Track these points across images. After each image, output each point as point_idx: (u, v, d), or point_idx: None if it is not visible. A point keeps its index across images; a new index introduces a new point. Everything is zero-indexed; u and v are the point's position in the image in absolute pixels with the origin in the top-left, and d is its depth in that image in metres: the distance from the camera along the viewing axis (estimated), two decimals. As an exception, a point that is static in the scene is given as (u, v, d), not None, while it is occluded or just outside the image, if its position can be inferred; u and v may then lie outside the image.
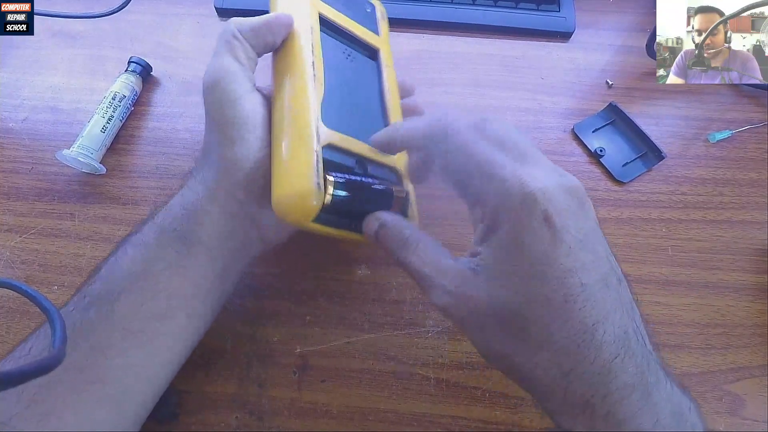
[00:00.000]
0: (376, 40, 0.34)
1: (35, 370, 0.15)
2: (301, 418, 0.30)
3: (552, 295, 0.19)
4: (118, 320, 0.23)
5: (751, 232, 0.36)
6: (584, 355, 0.19)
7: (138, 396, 0.24)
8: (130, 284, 0.24)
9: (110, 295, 0.24)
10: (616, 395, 0.19)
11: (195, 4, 0.46)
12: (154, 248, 0.25)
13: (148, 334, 0.24)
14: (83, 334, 0.23)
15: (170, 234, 0.25)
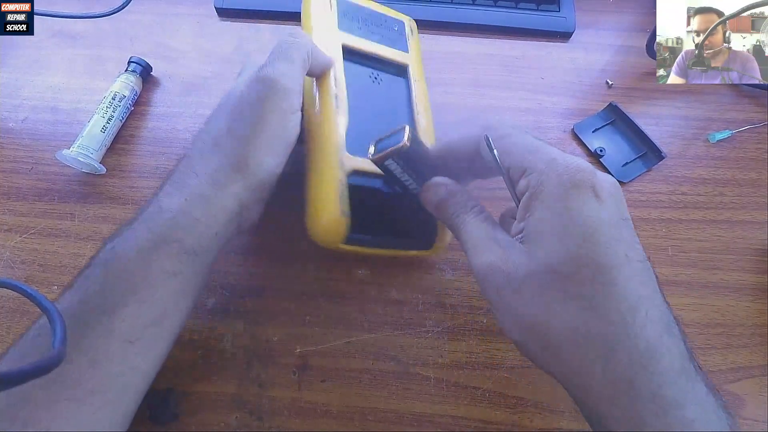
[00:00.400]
0: (404, 57, 0.35)
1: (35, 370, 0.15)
2: (301, 418, 0.30)
3: (600, 260, 0.19)
4: (117, 333, 0.22)
5: (751, 232, 0.36)
6: (630, 327, 0.19)
7: (136, 394, 0.24)
8: (129, 295, 0.23)
9: (108, 306, 0.23)
10: (664, 377, 0.19)
11: (195, 4, 0.46)
12: (154, 257, 0.24)
13: (146, 341, 0.24)
14: (81, 348, 0.22)
15: (171, 244, 0.24)
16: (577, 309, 0.19)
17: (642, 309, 0.19)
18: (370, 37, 0.34)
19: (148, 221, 0.25)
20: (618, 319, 0.19)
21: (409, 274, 0.34)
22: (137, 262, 0.23)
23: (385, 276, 0.34)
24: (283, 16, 0.45)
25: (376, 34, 0.35)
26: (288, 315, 0.33)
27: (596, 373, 0.19)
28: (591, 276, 0.19)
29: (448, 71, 0.43)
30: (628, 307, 0.19)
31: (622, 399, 0.19)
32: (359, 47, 0.33)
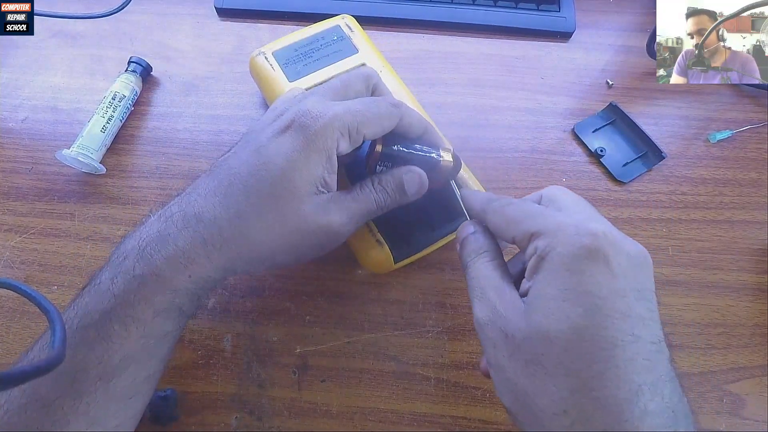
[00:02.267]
0: (356, 59, 0.36)
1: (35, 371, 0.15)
2: (301, 418, 0.30)
3: (601, 333, 0.17)
4: (116, 395, 0.23)
5: (752, 232, 0.36)
6: (623, 417, 0.17)
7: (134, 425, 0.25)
8: (128, 363, 0.23)
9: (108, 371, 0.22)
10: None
11: (195, 4, 0.46)
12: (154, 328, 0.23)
13: (143, 392, 0.24)
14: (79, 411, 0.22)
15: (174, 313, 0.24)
16: (570, 388, 0.18)
17: (644, 396, 0.17)
18: (318, 66, 0.35)
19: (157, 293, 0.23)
20: (614, 409, 0.17)
21: (409, 274, 0.34)
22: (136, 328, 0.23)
23: (385, 276, 0.34)
24: (283, 16, 0.45)
25: (321, 60, 0.35)
26: (288, 315, 0.33)
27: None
28: (590, 352, 0.17)
29: (448, 71, 0.43)
30: (626, 394, 0.17)
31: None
32: (313, 83, 0.34)
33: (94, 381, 0.22)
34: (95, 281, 0.24)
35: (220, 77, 0.42)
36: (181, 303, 0.24)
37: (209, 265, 0.24)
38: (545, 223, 0.20)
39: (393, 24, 0.45)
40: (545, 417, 0.18)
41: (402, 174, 0.26)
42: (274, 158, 0.23)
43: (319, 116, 0.23)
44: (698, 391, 0.31)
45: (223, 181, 0.24)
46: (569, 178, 0.38)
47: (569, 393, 0.17)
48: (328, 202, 0.25)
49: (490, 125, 0.40)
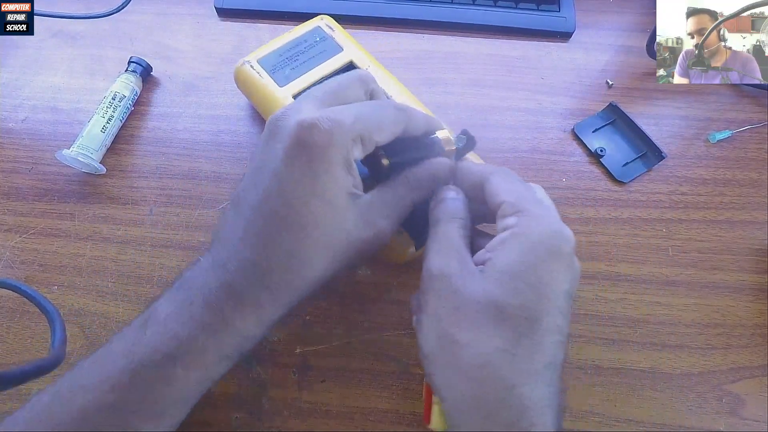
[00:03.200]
0: (342, 57, 0.37)
1: (35, 371, 0.15)
2: (301, 418, 0.30)
3: (541, 318, 0.21)
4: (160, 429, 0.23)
5: (752, 232, 0.36)
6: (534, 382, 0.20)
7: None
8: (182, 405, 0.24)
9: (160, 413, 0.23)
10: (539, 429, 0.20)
11: (195, 4, 0.46)
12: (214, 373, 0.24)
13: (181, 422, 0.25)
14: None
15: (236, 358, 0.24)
16: (498, 348, 0.20)
17: (547, 374, 0.21)
18: (306, 68, 0.35)
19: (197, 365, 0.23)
20: (526, 372, 0.20)
21: (409, 274, 0.34)
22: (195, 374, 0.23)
23: (385, 276, 0.34)
24: (283, 16, 0.45)
25: (308, 62, 0.36)
26: (288, 315, 0.33)
27: (487, 407, 0.20)
28: (525, 329, 0.21)
29: (448, 71, 0.43)
30: (537, 367, 0.21)
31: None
32: (305, 86, 0.34)
33: (146, 419, 0.22)
34: (158, 318, 0.23)
35: (220, 77, 0.42)
36: (245, 347, 0.24)
37: (277, 305, 0.23)
38: (535, 209, 0.22)
39: (393, 24, 0.45)
40: (466, 364, 0.21)
41: (434, 167, 0.26)
42: (300, 183, 0.22)
43: (328, 129, 0.22)
44: (698, 391, 0.31)
45: (258, 220, 0.23)
46: (569, 179, 0.38)
47: (496, 352, 0.20)
48: (368, 209, 0.24)
49: (490, 125, 0.40)
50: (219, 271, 0.23)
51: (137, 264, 0.34)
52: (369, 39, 0.44)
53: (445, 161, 0.27)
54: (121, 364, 0.22)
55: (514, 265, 0.21)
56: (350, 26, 0.43)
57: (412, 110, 0.26)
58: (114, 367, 0.22)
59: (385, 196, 0.25)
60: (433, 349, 0.22)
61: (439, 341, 0.22)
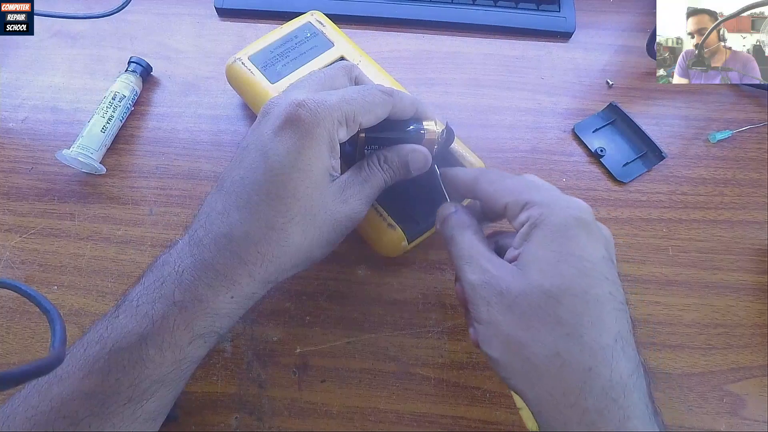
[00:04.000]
0: (333, 52, 0.37)
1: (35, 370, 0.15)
2: (301, 418, 0.30)
3: (591, 290, 0.20)
4: (143, 416, 0.23)
5: (752, 232, 0.36)
6: (608, 360, 0.20)
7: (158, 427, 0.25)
8: (159, 387, 0.23)
9: (137, 395, 0.23)
10: (631, 411, 0.19)
11: (195, 4, 0.46)
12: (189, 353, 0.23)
13: (166, 412, 0.25)
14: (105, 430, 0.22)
15: (210, 338, 0.24)
16: (562, 335, 0.20)
17: (619, 345, 0.20)
18: (297, 64, 0.35)
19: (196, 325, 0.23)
20: (598, 351, 0.20)
21: (409, 274, 0.34)
22: (168, 354, 0.23)
23: (385, 276, 0.34)
24: (283, 16, 0.45)
25: (299, 58, 0.36)
26: (288, 315, 0.33)
27: (570, 399, 0.20)
28: (581, 307, 0.20)
29: (448, 71, 0.43)
30: (608, 341, 0.20)
31: (590, 428, 0.20)
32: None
33: (123, 403, 0.22)
34: (130, 302, 0.23)
35: (220, 77, 0.41)
36: (220, 326, 0.24)
37: (252, 282, 0.23)
38: (539, 196, 0.23)
39: (393, 24, 0.45)
40: (538, 360, 0.20)
41: (407, 153, 0.27)
42: (284, 156, 0.23)
43: (316, 108, 0.23)
44: (698, 391, 0.31)
45: (240, 193, 0.23)
46: (569, 178, 0.38)
47: (562, 339, 0.20)
48: (343, 188, 0.25)
49: (490, 125, 0.40)
50: (194, 248, 0.23)
51: (137, 264, 0.34)
52: (369, 39, 0.44)
53: (420, 149, 0.27)
54: (95, 351, 0.22)
55: (546, 252, 0.21)
56: (350, 26, 0.43)
57: (399, 93, 0.26)
58: (88, 354, 0.22)
59: (359, 176, 0.26)
60: (501, 355, 0.22)
61: (504, 346, 0.22)
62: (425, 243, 0.33)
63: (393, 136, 0.27)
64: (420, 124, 0.28)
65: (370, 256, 0.34)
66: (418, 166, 0.27)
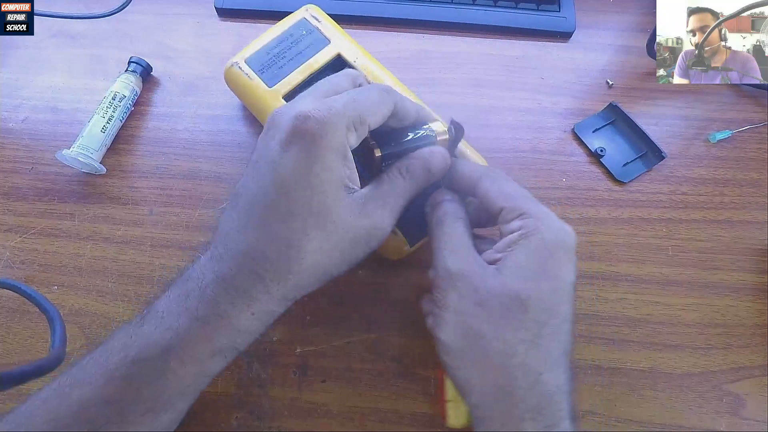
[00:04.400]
0: (330, 50, 0.36)
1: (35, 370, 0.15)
2: (301, 418, 0.30)
3: (560, 309, 0.23)
4: (158, 426, 0.23)
5: (752, 232, 0.36)
6: (556, 368, 0.23)
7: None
8: (178, 399, 0.24)
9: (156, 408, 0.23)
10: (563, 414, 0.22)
11: (195, 4, 0.46)
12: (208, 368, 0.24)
13: (180, 420, 0.25)
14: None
15: (230, 354, 0.24)
16: (523, 338, 0.22)
17: (564, 359, 0.23)
18: (294, 65, 0.35)
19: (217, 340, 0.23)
20: (550, 360, 0.23)
21: (409, 274, 0.34)
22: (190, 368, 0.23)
23: (385, 276, 0.34)
24: (283, 16, 0.45)
25: (295, 58, 0.35)
26: (288, 315, 0.33)
27: (516, 395, 0.22)
28: (545, 319, 0.23)
29: (448, 71, 0.43)
30: (559, 354, 0.23)
31: (526, 424, 0.22)
32: (294, 85, 0.34)
33: (143, 413, 0.22)
34: (156, 312, 0.24)
35: (220, 77, 0.41)
36: (240, 342, 0.24)
37: (270, 299, 0.23)
38: (537, 210, 0.24)
39: (393, 24, 0.45)
40: (494, 354, 0.22)
41: (427, 156, 0.26)
42: (294, 172, 0.22)
43: (322, 117, 0.22)
44: (698, 391, 0.31)
45: (254, 211, 0.23)
46: (569, 178, 0.38)
47: (524, 342, 0.22)
48: (364, 201, 0.24)
49: (490, 125, 0.40)
50: (215, 264, 0.23)
51: (137, 264, 0.34)
52: (369, 39, 0.44)
53: (437, 149, 0.27)
54: (117, 358, 0.22)
55: (529, 263, 0.23)
56: (350, 26, 0.43)
57: (397, 92, 0.26)
58: (111, 362, 0.22)
59: (380, 188, 0.25)
60: (458, 343, 0.23)
61: (465, 336, 0.23)
62: (426, 243, 0.33)
63: (407, 146, 0.26)
64: (427, 127, 0.27)
65: (370, 256, 0.34)
66: (439, 168, 0.26)
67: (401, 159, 0.26)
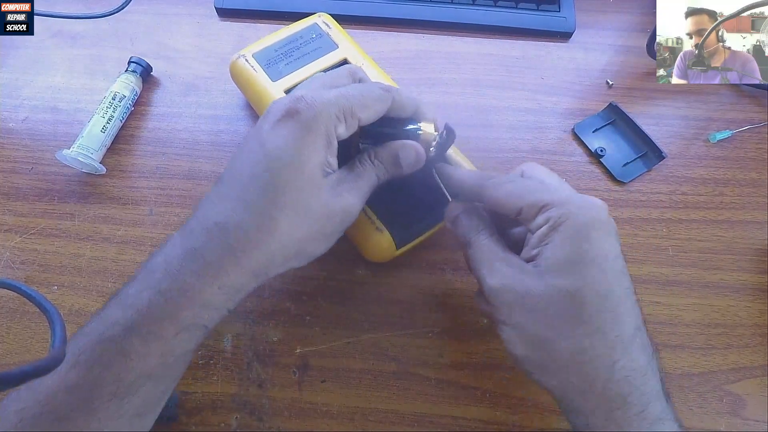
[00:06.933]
0: (336, 54, 0.37)
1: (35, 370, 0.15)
2: (301, 418, 0.30)
3: (613, 288, 0.22)
4: (128, 412, 0.22)
5: (752, 232, 0.36)
6: (630, 350, 0.21)
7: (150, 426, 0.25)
8: (144, 381, 0.22)
9: (122, 389, 0.22)
10: (650, 396, 0.21)
11: (195, 4, 0.46)
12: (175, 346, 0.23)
13: (155, 410, 0.24)
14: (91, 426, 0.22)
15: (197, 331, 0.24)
16: (588, 333, 0.21)
17: (637, 337, 0.22)
18: (300, 64, 0.35)
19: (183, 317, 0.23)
20: (619, 344, 0.21)
21: (409, 274, 0.34)
22: (154, 346, 0.22)
23: (385, 276, 0.34)
24: (283, 16, 0.45)
25: (302, 58, 0.36)
26: (288, 315, 0.33)
27: (596, 389, 0.21)
28: (602, 305, 0.22)
29: (448, 71, 0.43)
30: (627, 334, 0.22)
31: (616, 413, 0.21)
32: (297, 81, 0.34)
33: (109, 398, 0.22)
34: (121, 294, 0.23)
35: (220, 77, 0.42)
36: (207, 319, 0.24)
37: (240, 272, 0.23)
38: (554, 197, 0.23)
39: (393, 24, 0.45)
40: (564, 356, 0.22)
41: (398, 148, 0.27)
42: (281, 148, 0.23)
43: (314, 102, 0.23)
44: (698, 391, 0.31)
45: (234, 183, 0.24)
46: (569, 178, 0.38)
47: (587, 336, 0.21)
48: (337, 183, 0.25)
49: (490, 125, 0.40)
50: (184, 239, 0.23)
51: (137, 264, 0.34)
52: (369, 39, 0.44)
53: (410, 144, 0.27)
54: (81, 343, 0.22)
55: (567, 253, 0.22)
56: (350, 26, 0.43)
57: (398, 91, 0.26)
58: (76, 346, 0.22)
59: (352, 172, 0.26)
60: (525, 353, 0.23)
61: (529, 345, 0.23)
62: (425, 243, 0.33)
63: (388, 131, 0.27)
64: (417, 125, 0.27)
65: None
66: (409, 162, 0.27)
67: (378, 146, 0.27)
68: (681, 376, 0.32)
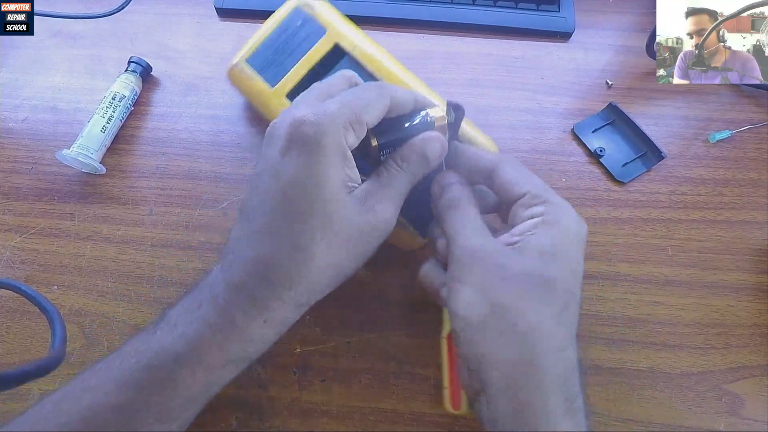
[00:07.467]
0: (328, 40, 0.35)
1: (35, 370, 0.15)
2: (301, 418, 0.30)
3: (574, 289, 0.24)
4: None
5: (751, 232, 0.36)
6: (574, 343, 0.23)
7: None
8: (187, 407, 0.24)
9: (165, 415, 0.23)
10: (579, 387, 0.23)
11: (195, 4, 0.46)
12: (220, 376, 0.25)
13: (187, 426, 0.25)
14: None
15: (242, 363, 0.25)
16: (553, 312, 0.23)
17: (575, 341, 0.24)
18: (293, 61, 0.35)
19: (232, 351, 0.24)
20: (569, 335, 0.23)
21: (410, 274, 0.34)
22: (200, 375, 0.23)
23: (385, 276, 0.34)
24: (283, 16, 0.45)
25: (294, 53, 0.35)
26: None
27: (544, 363, 0.22)
28: (569, 301, 0.23)
29: (448, 71, 0.43)
30: (573, 332, 0.24)
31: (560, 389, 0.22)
32: (295, 81, 0.34)
33: (151, 422, 0.22)
34: (168, 320, 0.24)
35: (220, 77, 0.42)
36: (252, 351, 0.24)
37: (283, 306, 0.23)
38: (558, 200, 0.25)
39: (393, 24, 0.45)
40: (518, 329, 0.22)
41: (420, 143, 0.26)
42: (295, 176, 0.23)
43: (318, 120, 0.23)
44: (697, 390, 0.31)
45: (261, 219, 0.23)
46: (569, 178, 0.38)
47: (548, 319, 0.23)
48: (365, 197, 0.24)
49: (490, 125, 0.40)
50: (225, 273, 0.24)
51: (137, 264, 0.35)
52: (369, 39, 0.44)
53: (432, 135, 0.26)
54: (129, 365, 0.23)
55: (551, 247, 0.24)
56: (350, 26, 0.43)
57: (392, 85, 0.26)
58: (123, 368, 0.23)
59: (379, 181, 0.25)
60: (480, 317, 0.23)
61: (491, 309, 0.23)
62: (425, 244, 0.33)
63: (404, 134, 0.26)
64: (425, 113, 0.27)
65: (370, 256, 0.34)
66: (436, 154, 0.26)
67: (398, 149, 0.26)
68: (680, 376, 0.32)
